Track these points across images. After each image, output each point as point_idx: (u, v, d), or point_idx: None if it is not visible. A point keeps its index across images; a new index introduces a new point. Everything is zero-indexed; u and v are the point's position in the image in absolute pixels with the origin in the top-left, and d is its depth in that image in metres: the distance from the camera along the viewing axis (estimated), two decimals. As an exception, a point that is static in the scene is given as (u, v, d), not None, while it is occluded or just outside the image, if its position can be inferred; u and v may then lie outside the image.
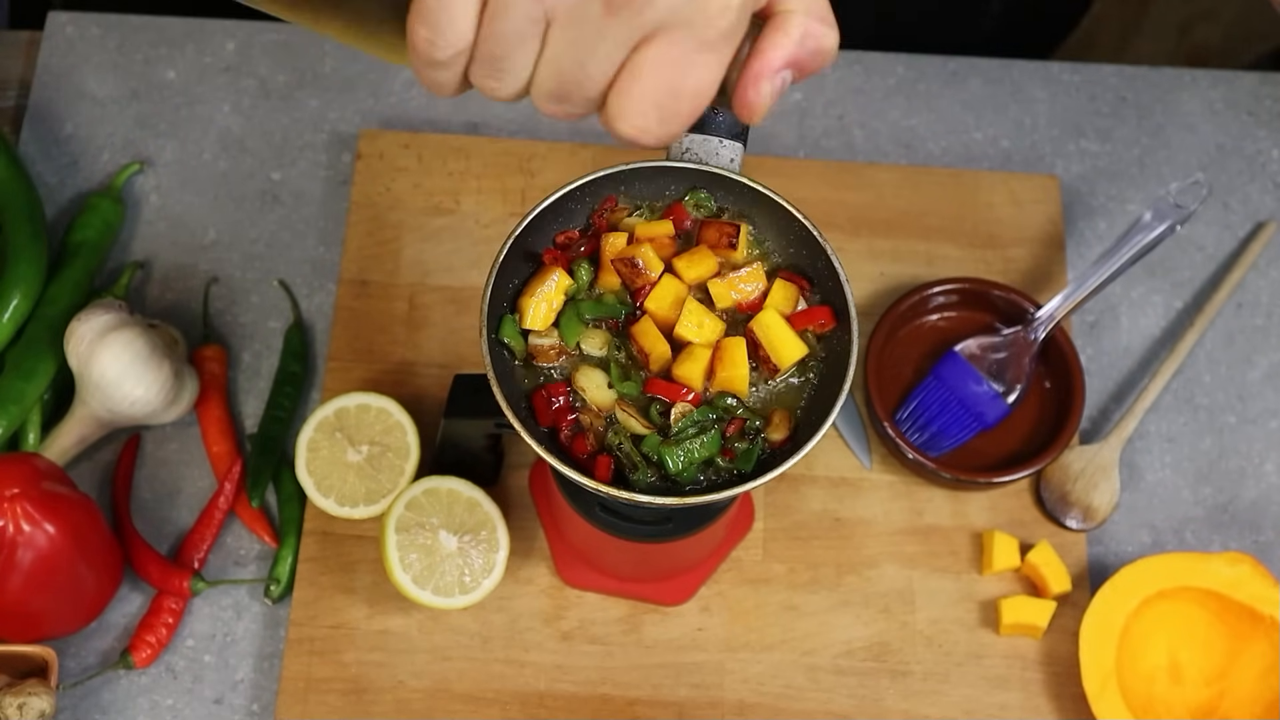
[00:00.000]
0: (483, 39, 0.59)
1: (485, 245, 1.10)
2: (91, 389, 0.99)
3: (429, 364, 1.06)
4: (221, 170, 1.14)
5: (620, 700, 0.97)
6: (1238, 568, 0.97)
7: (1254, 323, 1.11)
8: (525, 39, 0.59)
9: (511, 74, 0.61)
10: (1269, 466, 1.06)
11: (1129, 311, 1.11)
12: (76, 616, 0.97)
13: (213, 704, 0.98)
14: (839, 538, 1.02)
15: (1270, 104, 1.18)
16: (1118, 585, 0.97)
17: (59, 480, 0.94)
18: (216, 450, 1.04)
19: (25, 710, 0.88)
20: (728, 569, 1.01)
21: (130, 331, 0.98)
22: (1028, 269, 1.10)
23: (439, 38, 0.59)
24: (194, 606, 1.00)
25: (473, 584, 0.95)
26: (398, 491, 0.97)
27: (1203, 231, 1.13)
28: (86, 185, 1.13)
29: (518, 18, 0.59)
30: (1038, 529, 1.03)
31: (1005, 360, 1.02)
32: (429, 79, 0.62)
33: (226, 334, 1.09)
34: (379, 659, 0.98)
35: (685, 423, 0.76)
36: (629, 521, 0.89)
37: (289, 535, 1.01)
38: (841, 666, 0.99)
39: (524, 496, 1.02)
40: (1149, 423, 1.07)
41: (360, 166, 1.12)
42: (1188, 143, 1.17)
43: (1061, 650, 0.99)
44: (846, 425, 1.05)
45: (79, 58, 1.18)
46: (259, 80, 1.17)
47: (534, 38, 0.60)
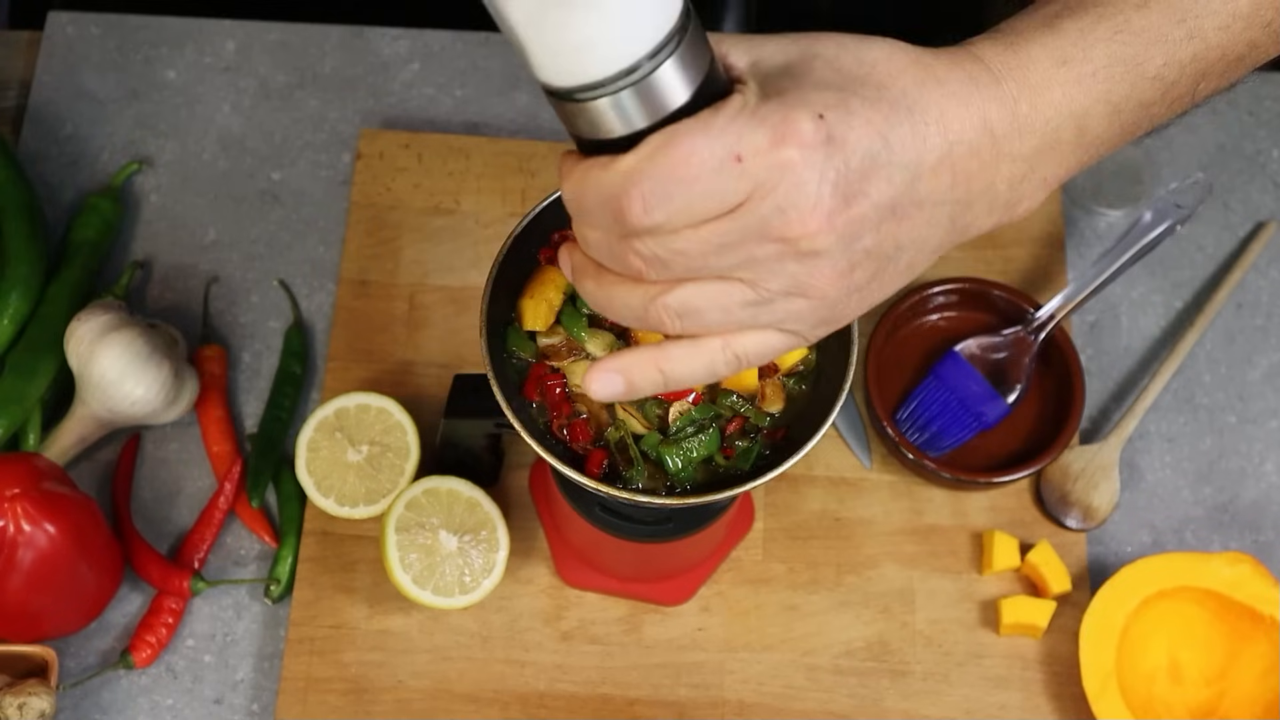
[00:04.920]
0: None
1: (485, 245, 1.10)
2: (91, 389, 0.99)
3: (429, 364, 1.06)
4: (221, 170, 1.14)
5: (620, 700, 0.97)
6: (1238, 568, 0.97)
7: (1254, 323, 1.11)
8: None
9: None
10: (1269, 466, 1.06)
11: (1129, 311, 1.11)
12: (76, 616, 0.97)
13: (213, 704, 0.98)
14: (839, 538, 1.02)
15: (1270, 104, 1.18)
16: (1118, 585, 0.97)
17: (59, 480, 0.94)
18: (216, 450, 1.04)
19: (25, 710, 0.88)
20: (728, 569, 1.01)
21: (130, 331, 0.98)
22: (1028, 269, 1.10)
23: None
24: (194, 606, 1.00)
25: (473, 584, 0.95)
26: (398, 491, 0.97)
27: (1203, 231, 1.13)
28: (86, 185, 1.13)
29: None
30: (1038, 529, 1.03)
31: (1005, 360, 1.02)
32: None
33: (226, 334, 1.09)
34: (379, 659, 0.98)
35: (684, 421, 0.76)
36: (629, 521, 0.89)
37: (289, 535, 1.01)
38: (841, 666, 0.99)
39: (524, 496, 1.02)
40: (1149, 423, 1.07)
41: (360, 166, 1.12)
42: (1188, 143, 1.17)
43: (1061, 650, 0.99)
44: (846, 425, 1.05)
45: (79, 58, 1.18)
46: (259, 80, 1.17)
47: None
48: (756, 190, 0.54)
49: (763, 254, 0.56)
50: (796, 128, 0.54)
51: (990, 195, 0.60)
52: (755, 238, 0.55)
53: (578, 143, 0.57)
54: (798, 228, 0.55)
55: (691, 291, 0.57)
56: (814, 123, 0.54)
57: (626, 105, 0.54)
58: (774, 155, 0.54)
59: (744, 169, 0.54)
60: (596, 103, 0.54)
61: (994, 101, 0.59)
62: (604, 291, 0.60)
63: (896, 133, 0.56)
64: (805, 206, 0.54)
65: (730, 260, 0.56)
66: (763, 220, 0.55)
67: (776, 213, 0.54)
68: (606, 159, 0.55)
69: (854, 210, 0.56)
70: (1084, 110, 0.61)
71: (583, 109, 0.54)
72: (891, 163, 0.56)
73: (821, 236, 0.55)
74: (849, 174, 0.55)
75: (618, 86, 0.53)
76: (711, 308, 0.58)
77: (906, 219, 0.58)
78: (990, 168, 0.59)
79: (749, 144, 0.53)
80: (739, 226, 0.55)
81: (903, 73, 0.58)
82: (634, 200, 0.54)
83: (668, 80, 0.54)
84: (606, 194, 0.55)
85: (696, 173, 0.53)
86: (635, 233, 0.55)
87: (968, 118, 0.58)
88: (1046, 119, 0.60)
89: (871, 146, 0.55)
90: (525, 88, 1.17)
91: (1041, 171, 0.61)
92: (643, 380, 0.61)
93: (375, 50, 1.19)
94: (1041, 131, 0.60)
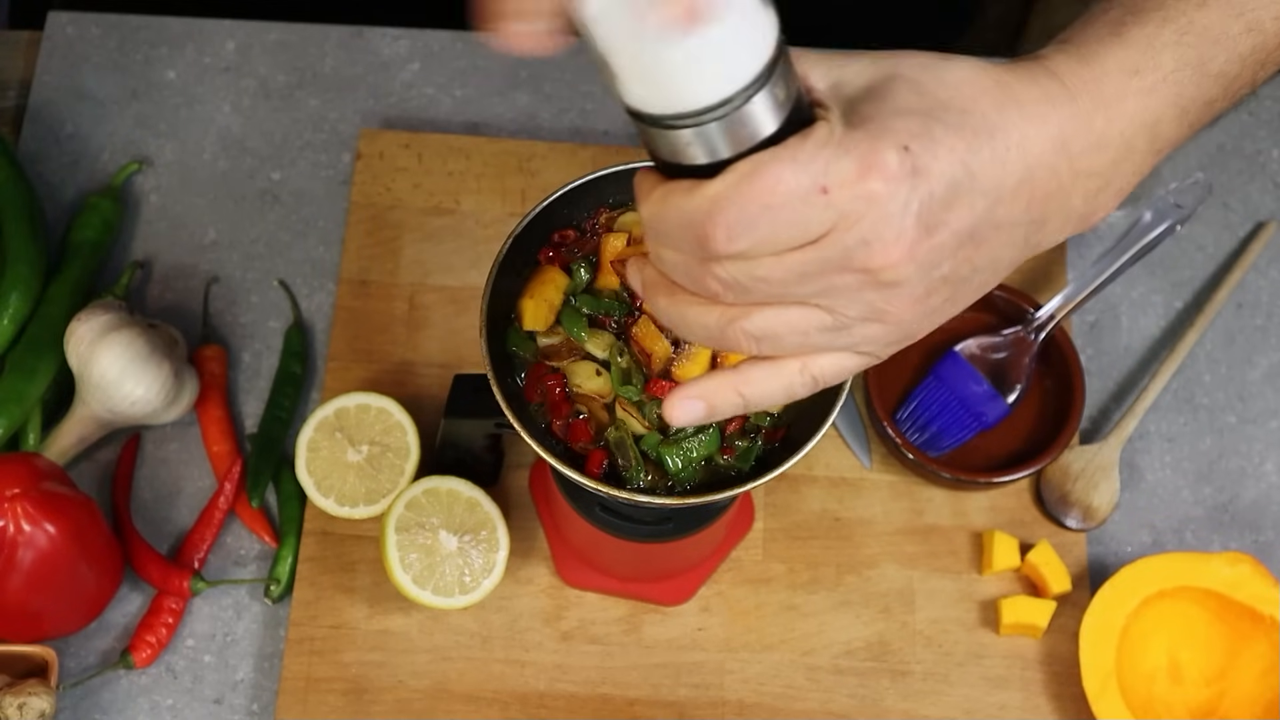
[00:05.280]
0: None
1: (485, 245, 1.10)
2: (91, 389, 0.99)
3: (429, 364, 1.06)
4: (221, 170, 1.14)
5: (620, 700, 0.97)
6: (1238, 568, 0.97)
7: (1254, 323, 1.11)
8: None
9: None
10: (1269, 466, 1.06)
11: (1129, 311, 1.11)
12: (76, 616, 0.97)
13: (213, 704, 0.98)
14: (839, 538, 1.02)
15: (1270, 104, 1.18)
16: (1118, 585, 0.97)
17: (59, 480, 0.94)
18: (216, 450, 1.04)
19: (25, 710, 0.88)
20: (728, 569, 1.01)
21: (130, 331, 0.98)
22: (1028, 269, 1.10)
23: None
24: (194, 606, 1.00)
25: (473, 584, 0.95)
26: (398, 491, 0.97)
27: (1203, 231, 1.13)
28: (86, 185, 1.13)
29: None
30: (1038, 529, 1.03)
31: (1005, 360, 1.02)
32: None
33: (226, 334, 1.09)
34: (379, 659, 0.98)
35: (684, 421, 0.76)
36: (629, 521, 0.89)
37: (289, 535, 1.01)
38: (841, 666, 0.99)
39: (524, 496, 1.02)
40: (1149, 423, 1.07)
41: (360, 166, 1.12)
42: (1188, 143, 1.16)
43: (1061, 650, 0.99)
44: (846, 425, 1.05)
45: (79, 58, 1.18)
46: (259, 80, 1.17)
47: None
48: (841, 221, 0.54)
49: (843, 283, 0.56)
50: (882, 159, 0.54)
51: (1066, 211, 0.61)
52: (837, 267, 0.55)
53: (656, 162, 0.57)
54: (880, 259, 0.55)
55: (770, 315, 0.58)
56: (899, 154, 0.54)
57: (714, 136, 0.54)
58: (860, 187, 0.54)
59: (830, 200, 0.54)
60: (683, 131, 0.54)
61: (1070, 120, 0.59)
62: (678, 310, 0.60)
63: (978, 159, 0.56)
64: (889, 239, 0.55)
65: (810, 288, 0.56)
66: (846, 251, 0.55)
67: (860, 245, 0.55)
68: (690, 184, 0.55)
69: (935, 239, 0.56)
70: (1156, 118, 0.62)
71: (667, 135, 0.54)
72: (974, 190, 0.56)
73: (903, 267, 0.56)
74: (932, 204, 0.55)
75: (707, 119, 0.53)
76: (790, 332, 0.58)
77: (985, 243, 0.58)
78: (1067, 187, 0.60)
79: (835, 176, 0.53)
80: (821, 257, 0.55)
81: (984, 95, 0.58)
82: (718, 228, 0.54)
83: (757, 113, 0.53)
84: (689, 219, 0.55)
85: (783, 202, 0.53)
86: (717, 258, 0.56)
87: (1046, 139, 0.58)
88: (1120, 131, 0.61)
89: (955, 175, 0.55)
90: (525, 88, 1.18)
91: (1117, 183, 0.62)
92: (723, 404, 0.62)
93: (375, 50, 1.19)
94: (1116, 144, 0.61)
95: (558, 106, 1.17)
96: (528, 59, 1.18)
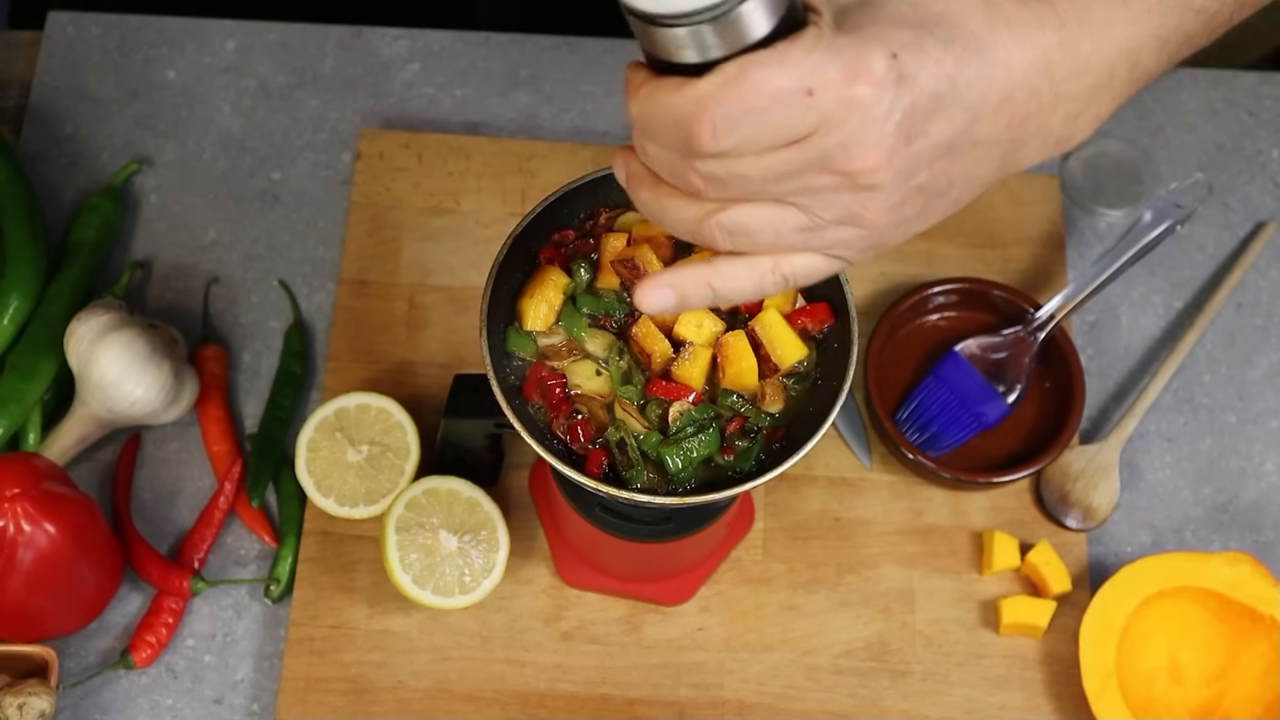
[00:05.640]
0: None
1: (485, 245, 1.10)
2: (91, 389, 0.99)
3: (429, 364, 1.06)
4: (221, 170, 1.14)
5: (620, 700, 0.97)
6: (1238, 568, 0.97)
7: (1254, 323, 1.11)
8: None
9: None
10: (1269, 466, 1.06)
11: (1129, 311, 1.11)
12: (76, 616, 0.97)
13: (213, 704, 0.98)
14: (839, 538, 1.02)
15: (1270, 104, 1.18)
16: (1118, 585, 0.97)
17: (59, 480, 0.94)
18: (216, 450, 1.04)
19: (25, 710, 0.88)
20: (728, 569, 1.01)
21: (130, 331, 0.98)
22: (1028, 269, 1.10)
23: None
24: (194, 606, 1.00)
25: (473, 584, 0.95)
26: (398, 491, 0.97)
27: (1203, 231, 1.13)
28: (86, 185, 1.13)
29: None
30: (1038, 529, 1.03)
31: (1005, 360, 1.02)
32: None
33: (226, 334, 1.09)
34: (379, 659, 0.98)
35: (684, 421, 0.76)
36: (629, 521, 0.89)
37: (289, 535, 1.01)
38: (841, 666, 0.99)
39: (524, 496, 1.02)
40: (1149, 423, 1.07)
41: (360, 166, 1.12)
42: (1188, 143, 1.17)
43: (1061, 650, 0.99)
44: (846, 425, 1.05)
45: (79, 58, 1.18)
46: (259, 80, 1.17)
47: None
48: (824, 123, 0.55)
49: (820, 184, 0.57)
50: (869, 65, 0.55)
51: (1044, 134, 0.62)
52: (816, 168, 0.56)
53: (648, 58, 0.58)
54: (859, 162, 0.56)
55: (747, 212, 0.59)
56: (887, 61, 0.55)
57: (707, 36, 0.55)
58: (845, 91, 0.55)
59: (814, 102, 0.55)
60: (677, 30, 0.55)
61: (1057, 45, 0.60)
62: (659, 203, 0.61)
63: (964, 74, 0.57)
64: (869, 143, 0.56)
65: (788, 187, 0.57)
66: (826, 153, 0.56)
67: (840, 147, 0.56)
68: (679, 81, 0.56)
69: (914, 148, 0.57)
70: (1138, 46, 0.63)
71: (661, 33, 0.55)
72: (956, 104, 0.57)
73: (880, 172, 0.57)
74: (915, 114, 0.56)
75: (702, 18, 0.54)
76: (764, 229, 0.59)
77: (961, 157, 0.59)
78: (1048, 109, 0.61)
79: (821, 78, 0.54)
80: (802, 157, 0.56)
81: (976, 12, 0.58)
82: (704, 126, 0.55)
83: (751, 15, 0.54)
84: (677, 117, 0.56)
85: (768, 104, 0.54)
86: (700, 155, 0.56)
87: (1031, 61, 0.59)
88: (1104, 57, 0.62)
89: (939, 87, 0.56)
90: (525, 88, 1.18)
91: (1095, 108, 0.63)
92: (694, 294, 0.62)
93: (375, 50, 1.19)
94: (1099, 70, 0.62)
95: (558, 106, 1.17)
96: (528, 59, 1.19)
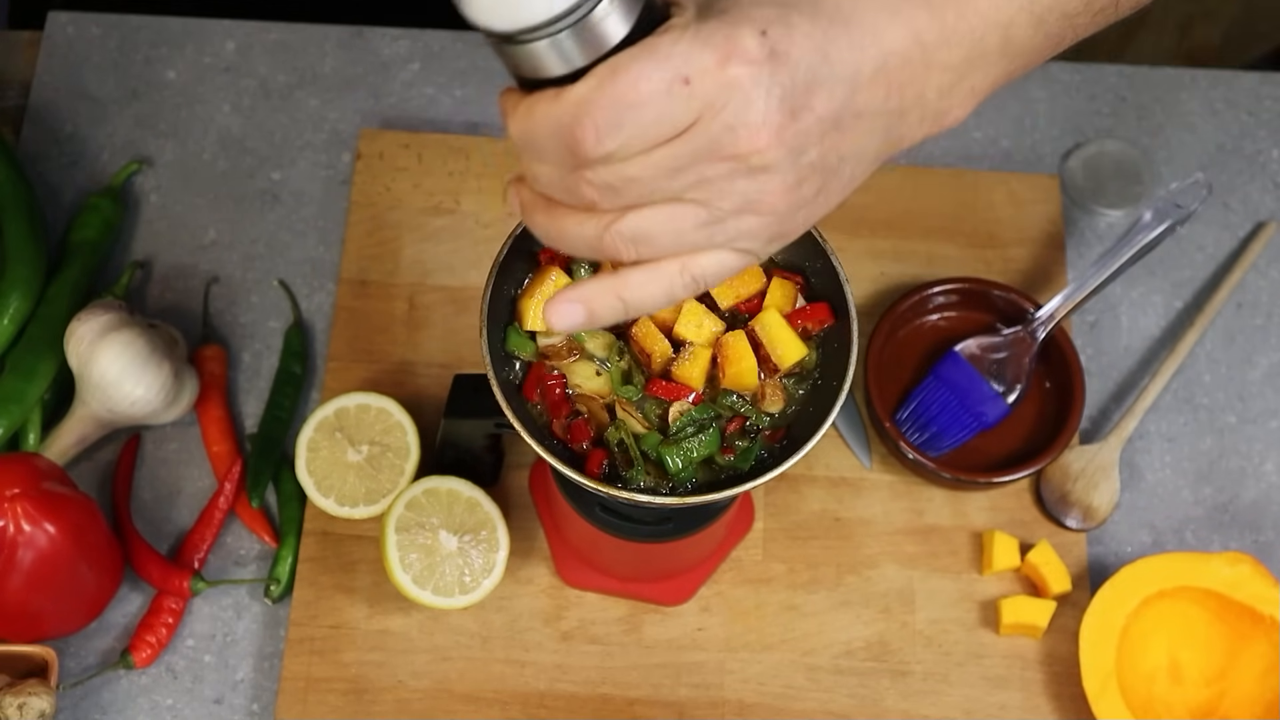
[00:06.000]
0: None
1: (485, 245, 1.10)
2: (91, 389, 0.99)
3: (429, 364, 1.06)
4: (221, 170, 1.14)
5: (620, 700, 0.97)
6: (1238, 568, 0.97)
7: (1254, 323, 1.11)
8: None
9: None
10: (1269, 466, 1.06)
11: (1129, 311, 1.11)
12: (76, 616, 0.97)
13: (213, 704, 0.98)
14: (839, 538, 1.02)
15: (1270, 104, 1.18)
16: (1118, 585, 0.97)
17: (59, 480, 0.94)
18: (216, 450, 1.04)
19: (25, 710, 0.88)
20: (728, 569, 1.01)
21: (130, 331, 0.98)
22: (1028, 269, 1.10)
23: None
24: (194, 606, 1.00)
25: (473, 584, 0.95)
26: (398, 491, 0.97)
27: (1203, 231, 1.13)
28: (86, 185, 1.13)
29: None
30: (1038, 529, 1.03)
31: (1005, 360, 1.02)
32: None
33: (226, 334, 1.09)
34: (379, 659, 0.98)
35: (684, 421, 0.76)
36: (629, 521, 0.89)
37: (289, 535, 1.01)
38: (841, 666, 0.99)
39: (524, 496, 1.02)
40: (1149, 423, 1.07)
41: (360, 166, 1.12)
42: (1188, 143, 1.17)
43: (1061, 650, 0.99)
44: (846, 425, 1.05)
45: (79, 58, 1.18)
46: (259, 80, 1.17)
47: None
48: (706, 110, 0.55)
49: (713, 173, 0.57)
50: (741, 45, 0.55)
51: (922, 105, 0.62)
52: (706, 157, 0.56)
53: (518, 81, 0.58)
54: (747, 144, 0.56)
55: (644, 216, 0.58)
56: (757, 39, 0.55)
57: (566, 46, 0.54)
58: (721, 74, 0.55)
59: (692, 90, 0.54)
60: (536, 45, 0.54)
61: (923, 12, 0.60)
62: (555, 225, 0.60)
63: (835, 46, 0.57)
64: (754, 123, 0.55)
65: (682, 182, 0.57)
66: (713, 139, 0.56)
67: (726, 131, 0.55)
68: (554, 92, 0.55)
69: (800, 124, 0.57)
70: (1009, 20, 0.63)
71: (521, 51, 0.55)
72: (832, 76, 0.57)
73: (771, 151, 0.56)
74: (794, 89, 0.56)
75: (557, 29, 0.54)
76: (664, 231, 0.59)
77: (848, 131, 0.59)
78: (921, 78, 0.61)
79: (696, 65, 0.54)
80: (690, 149, 0.56)
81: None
82: (586, 130, 0.55)
83: (605, 18, 0.54)
84: (557, 126, 0.55)
85: (647, 98, 0.54)
86: (588, 162, 0.56)
87: (899, 29, 0.59)
88: (972, 27, 0.62)
89: (812, 61, 0.56)
90: (525, 88, 1.17)
91: (970, 80, 0.63)
92: (603, 308, 0.62)
93: (375, 50, 1.19)
94: (968, 41, 0.62)
95: (558, 106, 1.17)
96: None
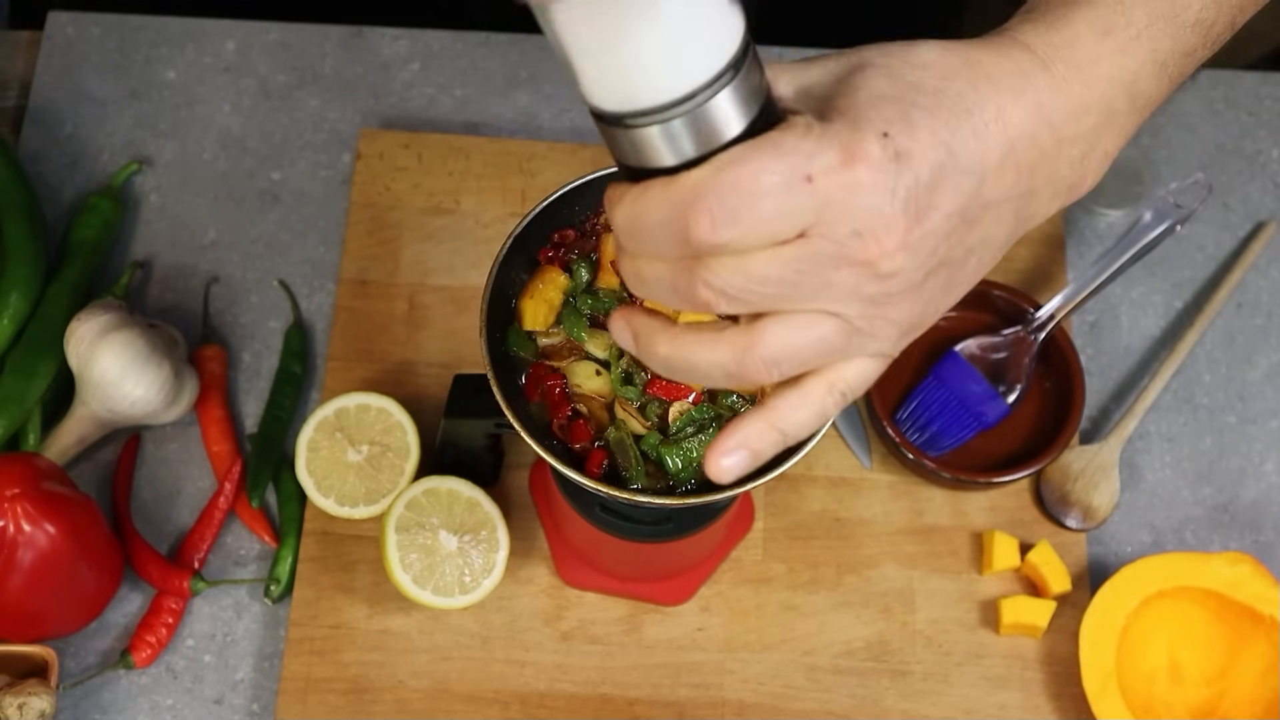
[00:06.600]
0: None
1: (485, 245, 1.10)
2: (91, 389, 0.99)
3: (429, 364, 1.06)
4: (221, 170, 1.14)
5: (620, 700, 0.97)
6: (1238, 568, 0.97)
7: (1254, 323, 1.11)
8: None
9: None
10: (1269, 466, 1.06)
11: (1129, 311, 1.11)
12: (76, 616, 0.97)
13: (213, 704, 0.98)
14: (839, 538, 1.02)
15: (1270, 104, 1.18)
16: (1118, 585, 0.97)
17: (59, 480, 0.94)
18: (216, 450, 1.04)
19: (25, 710, 0.88)
20: (728, 569, 1.01)
21: (130, 331, 0.98)
22: (1027, 269, 1.10)
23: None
24: (194, 606, 1.00)
25: (473, 584, 0.95)
26: (398, 491, 0.97)
27: (1203, 231, 1.13)
28: (86, 185, 1.13)
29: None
30: (1038, 529, 1.03)
31: (1005, 360, 1.02)
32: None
33: (226, 334, 1.09)
34: (379, 659, 0.98)
35: (684, 421, 0.76)
36: (629, 521, 0.89)
37: (289, 535, 1.01)
38: (841, 666, 0.99)
39: (524, 496, 1.02)
40: (1149, 423, 1.07)
41: (360, 166, 1.12)
42: (1188, 143, 1.17)
43: (1061, 650, 0.99)
44: (846, 425, 1.05)
45: (79, 58, 1.18)
46: (259, 80, 1.17)
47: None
48: (827, 212, 0.53)
49: (840, 279, 0.54)
50: (865, 148, 0.53)
51: (1054, 181, 0.60)
52: (831, 263, 0.54)
53: (623, 170, 0.55)
54: (874, 249, 0.54)
55: (781, 335, 0.56)
56: (880, 142, 0.53)
57: (678, 134, 0.52)
58: (845, 176, 0.52)
59: (815, 189, 0.52)
60: (646, 130, 0.52)
61: (1047, 89, 0.58)
62: (682, 353, 0.57)
63: (958, 138, 0.55)
64: (880, 228, 0.53)
65: (806, 289, 0.54)
66: (838, 245, 0.53)
67: (853, 236, 0.53)
68: (668, 177, 0.53)
69: (926, 225, 0.55)
70: (1134, 76, 0.61)
71: (631, 135, 0.52)
72: (958, 169, 0.55)
73: (899, 256, 0.54)
74: (919, 189, 0.54)
75: (671, 115, 0.51)
76: (805, 348, 0.56)
77: (976, 223, 0.57)
78: (1052, 156, 0.59)
79: (819, 164, 0.52)
80: (814, 252, 0.53)
81: (956, 74, 0.57)
82: (701, 215, 0.52)
83: (723, 110, 0.52)
84: (670, 211, 0.53)
85: (767, 190, 0.52)
86: (702, 253, 0.53)
87: (1023, 109, 0.57)
88: (1100, 94, 0.60)
89: (937, 157, 0.54)
90: (525, 88, 1.18)
91: (1102, 146, 0.61)
92: (766, 446, 0.60)
93: (375, 50, 1.19)
94: (1097, 108, 0.60)
95: (558, 106, 1.17)
96: (528, 59, 1.19)
